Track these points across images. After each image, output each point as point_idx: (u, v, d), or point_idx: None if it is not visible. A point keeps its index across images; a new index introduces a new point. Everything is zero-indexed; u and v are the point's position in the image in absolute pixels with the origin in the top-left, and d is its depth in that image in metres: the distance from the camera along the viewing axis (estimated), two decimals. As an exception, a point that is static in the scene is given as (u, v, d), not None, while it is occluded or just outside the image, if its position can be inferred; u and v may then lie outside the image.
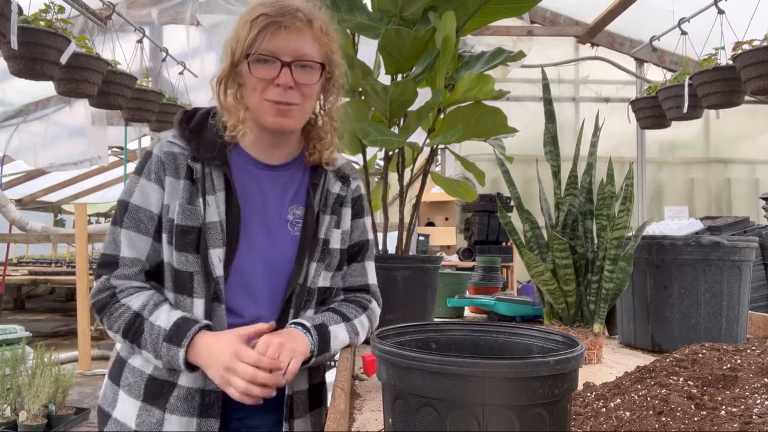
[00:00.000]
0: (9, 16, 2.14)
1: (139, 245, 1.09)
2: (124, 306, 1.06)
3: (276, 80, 1.07)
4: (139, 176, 1.11)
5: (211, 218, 1.08)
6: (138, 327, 1.04)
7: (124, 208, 1.10)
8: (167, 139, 1.13)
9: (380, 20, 1.52)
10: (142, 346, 1.04)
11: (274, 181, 1.16)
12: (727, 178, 5.01)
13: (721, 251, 1.38)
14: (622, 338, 1.56)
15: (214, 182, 1.10)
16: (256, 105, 1.09)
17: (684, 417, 0.76)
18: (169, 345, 1.01)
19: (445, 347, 0.76)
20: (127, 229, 1.09)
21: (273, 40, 1.06)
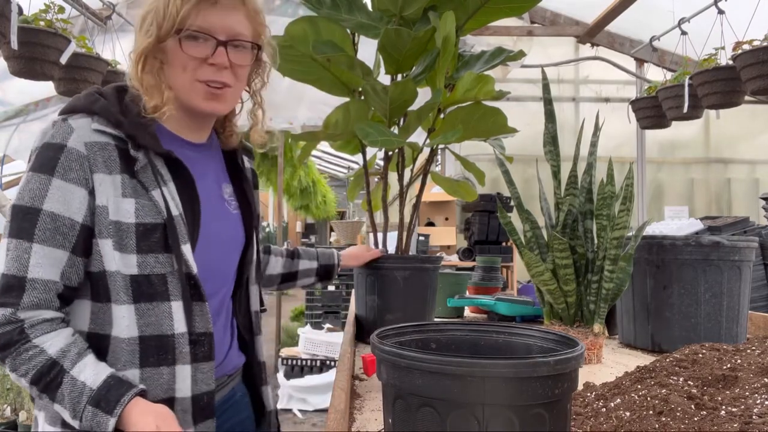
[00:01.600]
0: (9, 16, 2.14)
1: (54, 262, 0.91)
2: (37, 348, 0.88)
3: (210, 59, 0.99)
4: (51, 176, 0.92)
5: (173, 211, 0.96)
6: (54, 378, 0.88)
7: (34, 217, 0.91)
8: (91, 126, 0.96)
9: (380, 20, 1.52)
10: (57, 401, 0.88)
11: (203, 161, 1.09)
12: (727, 178, 5.00)
13: (721, 251, 1.38)
14: (622, 338, 1.56)
15: (161, 171, 0.98)
16: (186, 85, 1.00)
17: (684, 417, 0.76)
18: (95, 410, 0.86)
19: (445, 347, 0.76)
20: (39, 243, 0.90)
21: (207, 17, 0.98)
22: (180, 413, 0.95)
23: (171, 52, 1.00)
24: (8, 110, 4.82)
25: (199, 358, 0.99)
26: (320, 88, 1.57)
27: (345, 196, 3.51)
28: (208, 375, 1.00)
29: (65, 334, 0.91)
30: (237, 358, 1.14)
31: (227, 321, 1.11)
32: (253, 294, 1.18)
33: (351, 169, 10.33)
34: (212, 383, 1.00)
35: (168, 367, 0.96)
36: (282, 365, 4.79)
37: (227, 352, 1.10)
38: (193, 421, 0.98)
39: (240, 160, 1.19)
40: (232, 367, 1.12)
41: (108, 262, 0.94)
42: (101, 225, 0.94)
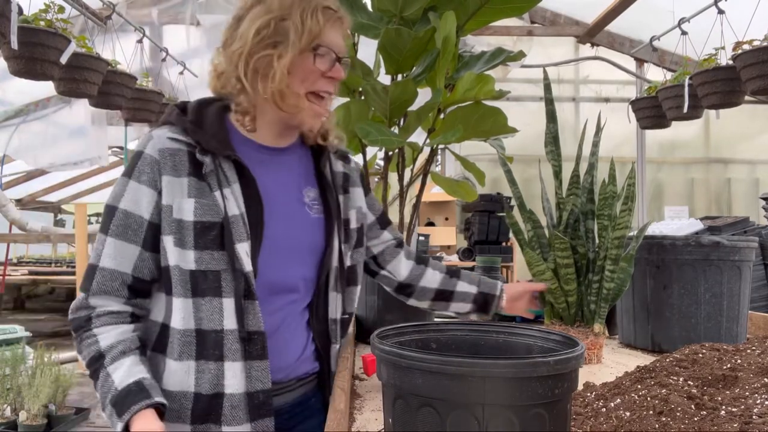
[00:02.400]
0: (9, 15, 2.14)
1: (124, 255, 1.01)
2: (94, 338, 0.99)
3: (329, 73, 1.07)
4: (129, 179, 1.03)
5: (232, 212, 1.01)
6: (97, 369, 0.98)
7: (111, 214, 1.02)
8: (166, 135, 1.04)
9: (380, 20, 1.52)
10: (96, 388, 0.98)
11: (282, 164, 1.13)
12: (727, 178, 5.00)
13: (721, 251, 1.38)
14: (622, 338, 1.56)
15: (226, 174, 1.04)
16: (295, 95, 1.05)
17: (684, 417, 0.76)
18: (112, 410, 0.94)
19: (446, 347, 0.76)
20: (113, 237, 1.01)
21: (334, 35, 1.07)
22: (228, 409, 0.99)
23: (297, 64, 1.05)
24: (8, 110, 4.82)
25: (253, 356, 1.01)
26: (320, 88, 1.57)
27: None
28: (263, 373, 1.01)
29: (120, 330, 0.99)
30: (310, 364, 1.13)
31: (299, 325, 1.11)
32: (332, 301, 1.15)
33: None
34: (268, 382, 1.02)
35: (215, 363, 0.99)
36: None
37: (299, 356, 1.10)
38: (248, 418, 1.00)
39: (325, 163, 1.19)
40: (304, 372, 1.12)
41: (170, 257, 1.01)
42: (165, 222, 1.01)
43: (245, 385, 1.00)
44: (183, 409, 0.98)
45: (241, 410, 0.99)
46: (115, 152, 6.60)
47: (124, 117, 3.73)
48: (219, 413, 0.98)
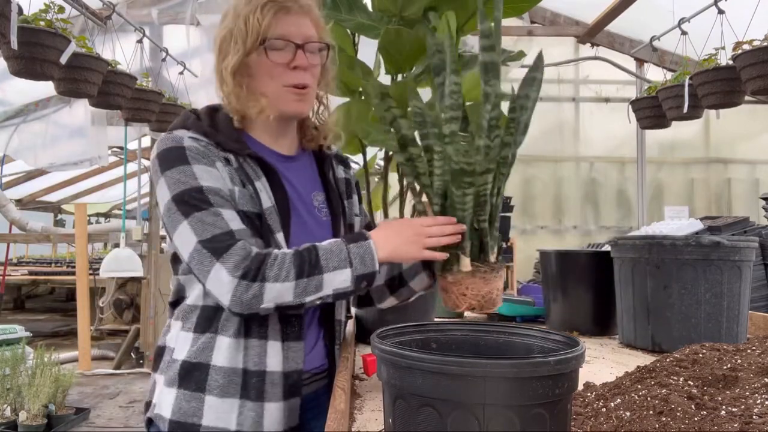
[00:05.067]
0: (9, 15, 2.14)
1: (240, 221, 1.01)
2: (280, 254, 0.98)
3: (292, 63, 1.07)
4: (189, 164, 1.02)
5: (266, 203, 1.06)
6: (309, 258, 0.98)
7: (199, 192, 0.99)
8: (188, 135, 1.06)
9: (380, 20, 1.52)
10: (324, 269, 0.97)
11: (293, 170, 1.17)
12: (727, 178, 5.00)
13: (722, 251, 1.38)
14: (622, 338, 1.56)
15: (253, 168, 1.08)
16: (275, 93, 1.09)
17: (684, 417, 0.76)
18: (357, 244, 0.99)
19: (446, 347, 0.76)
20: (220, 207, 1.00)
21: (284, 25, 1.07)
22: (269, 386, 1.04)
23: (256, 64, 1.08)
24: (8, 110, 4.82)
25: (290, 338, 1.07)
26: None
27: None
28: (298, 354, 1.07)
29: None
30: (321, 359, 1.17)
31: (312, 322, 1.16)
32: (338, 304, 1.20)
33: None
34: (301, 363, 1.08)
35: (259, 340, 1.05)
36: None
37: (311, 349, 1.15)
38: (282, 395, 1.06)
39: (330, 169, 1.23)
40: (317, 365, 1.16)
41: None
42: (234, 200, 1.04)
43: (282, 364, 1.06)
44: (232, 383, 1.03)
45: (278, 387, 1.05)
46: (115, 152, 6.61)
47: (124, 117, 3.74)
48: (262, 389, 1.04)
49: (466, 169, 0.97)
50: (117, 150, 6.44)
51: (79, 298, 4.86)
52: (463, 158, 0.97)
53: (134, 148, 5.71)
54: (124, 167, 5.53)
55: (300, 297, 0.97)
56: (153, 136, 4.79)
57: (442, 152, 1.01)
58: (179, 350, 1.07)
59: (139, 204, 5.55)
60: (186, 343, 1.06)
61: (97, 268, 5.19)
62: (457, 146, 0.99)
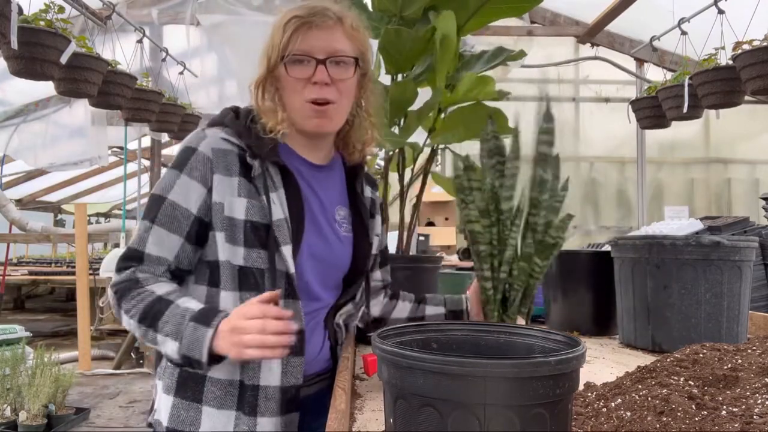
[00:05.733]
0: (9, 15, 2.14)
1: (168, 244, 1.05)
2: (149, 291, 1.02)
3: (312, 78, 1.08)
4: (180, 172, 1.06)
5: (277, 215, 1.06)
6: (159, 309, 1.00)
7: (159, 203, 1.06)
8: (219, 135, 1.09)
9: (380, 20, 1.53)
10: (159, 329, 0.98)
11: (321, 181, 1.18)
12: (727, 178, 5.00)
13: (722, 251, 1.38)
14: (622, 338, 1.56)
15: (273, 179, 1.09)
16: (297, 108, 1.10)
17: (685, 417, 0.76)
18: (195, 325, 0.97)
19: (446, 347, 0.76)
20: (159, 226, 1.05)
21: (306, 40, 1.08)
22: (263, 400, 1.04)
23: (282, 79, 1.11)
24: (8, 110, 4.82)
25: (291, 353, 1.04)
26: (320, 88, 1.57)
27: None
28: (297, 369, 1.07)
29: (174, 285, 1.06)
30: (326, 362, 1.19)
31: (318, 326, 1.17)
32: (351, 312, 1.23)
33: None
34: (300, 378, 1.08)
35: None
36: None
37: (317, 354, 1.16)
38: (279, 411, 1.05)
39: (360, 186, 1.25)
40: (322, 367, 1.17)
41: (221, 253, 1.06)
42: (217, 219, 1.06)
43: (281, 379, 1.05)
44: (229, 396, 1.04)
45: (274, 402, 1.04)
46: (115, 152, 6.61)
47: (124, 117, 3.74)
48: (255, 404, 1.03)
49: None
50: (117, 150, 6.45)
51: (79, 298, 4.86)
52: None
53: (134, 148, 5.71)
54: (124, 167, 5.53)
55: (144, 338, 1.02)
56: (153, 136, 4.79)
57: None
58: None
59: (139, 204, 5.54)
60: None
61: (97, 268, 5.19)
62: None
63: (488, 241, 1.23)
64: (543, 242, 1.19)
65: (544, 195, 1.21)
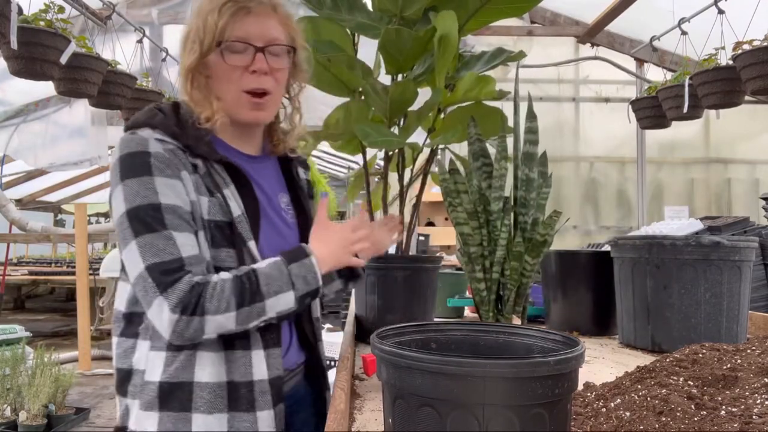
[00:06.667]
0: (9, 15, 2.14)
1: (193, 244, 0.97)
2: (221, 280, 0.95)
3: (251, 67, 1.03)
4: (151, 176, 0.97)
5: (235, 212, 1.02)
6: (251, 283, 0.95)
7: (156, 210, 0.94)
8: (154, 137, 1.00)
9: (380, 20, 1.52)
10: (266, 294, 0.95)
11: (259, 171, 1.14)
12: (727, 178, 5.00)
13: (721, 251, 1.38)
14: (622, 338, 1.56)
15: (221, 175, 1.05)
16: (233, 97, 1.05)
17: (684, 417, 0.76)
18: (298, 263, 1.00)
19: (445, 347, 0.76)
20: (173, 230, 0.95)
21: (243, 26, 1.03)
22: (259, 395, 1.02)
23: (215, 66, 1.05)
24: (8, 110, 4.82)
25: (270, 344, 1.04)
26: (320, 88, 1.57)
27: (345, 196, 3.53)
28: (278, 360, 1.05)
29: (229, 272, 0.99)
30: (296, 356, 1.17)
31: (285, 322, 1.13)
32: (314, 303, 1.20)
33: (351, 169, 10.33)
34: (281, 369, 1.06)
35: (243, 351, 1.01)
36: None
37: (287, 349, 1.14)
38: (273, 403, 1.03)
39: (295, 171, 1.23)
40: (293, 363, 1.16)
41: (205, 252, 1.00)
42: (195, 217, 1.00)
43: (267, 372, 1.04)
44: (219, 398, 0.99)
45: (268, 395, 1.03)
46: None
47: (124, 117, 3.73)
48: (252, 399, 1.01)
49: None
50: (117, 150, 6.43)
51: (79, 298, 4.85)
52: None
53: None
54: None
55: (242, 324, 0.96)
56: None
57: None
58: (152, 371, 1.00)
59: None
60: (159, 363, 0.99)
61: (97, 268, 5.19)
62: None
63: (478, 242, 1.24)
64: (532, 240, 1.20)
65: (532, 194, 1.22)
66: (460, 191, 1.25)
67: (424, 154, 1.72)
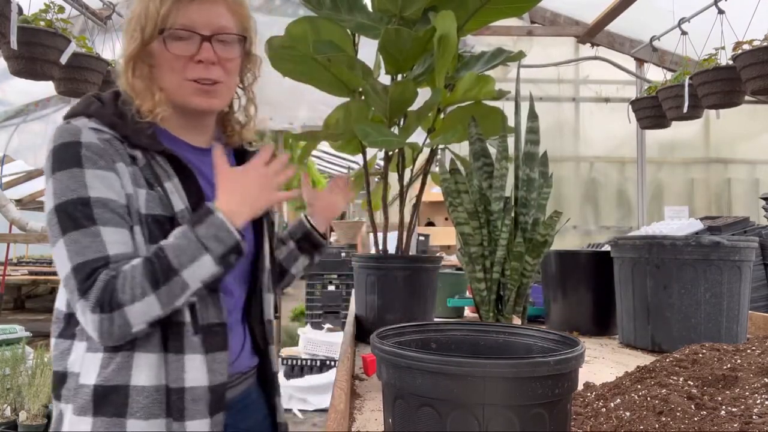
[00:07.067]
0: (9, 15, 2.14)
1: (124, 240, 0.92)
2: (129, 268, 0.89)
3: (197, 56, 0.98)
4: (82, 168, 0.92)
5: (178, 206, 0.97)
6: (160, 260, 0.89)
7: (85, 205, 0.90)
8: (89, 126, 0.96)
9: (380, 20, 1.52)
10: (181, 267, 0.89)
11: (209, 165, 1.06)
12: (727, 178, 5.00)
13: (721, 251, 1.38)
14: (622, 338, 1.56)
15: (163, 168, 0.99)
16: (177, 86, 1.00)
17: (684, 417, 0.76)
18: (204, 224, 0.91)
19: (445, 347, 0.76)
20: (103, 225, 0.90)
21: (188, 14, 0.98)
22: (190, 403, 0.95)
23: (158, 55, 1.00)
24: (8, 110, 4.82)
25: (214, 348, 0.98)
26: (320, 88, 1.57)
27: (345, 196, 3.54)
28: (223, 366, 0.99)
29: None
30: (249, 359, 1.14)
31: (236, 324, 1.10)
32: (267, 302, 1.15)
33: (351, 169, 10.34)
34: (225, 374, 1.00)
35: (176, 355, 0.96)
36: (282, 365, 4.80)
37: (239, 352, 1.10)
38: (209, 412, 0.97)
39: None
40: (246, 366, 1.12)
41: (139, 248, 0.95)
42: (131, 211, 0.95)
43: (208, 378, 0.97)
44: (156, 403, 0.94)
45: (203, 403, 0.96)
46: (115, 152, 6.59)
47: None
48: (182, 407, 0.94)
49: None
50: (117, 150, 6.43)
51: (79, 298, 4.85)
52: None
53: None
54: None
55: (169, 304, 0.91)
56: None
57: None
58: (87, 374, 0.95)
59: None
60: (95, 365, 0.95)
61: (97, 268, 5.17)
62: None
63: (479, 242, 1.24)
64: (533, 240, 1.20)
65: (532, 194, 1.22)
66: (460, 191, 1.25)
67: (424, 154, 1.72)
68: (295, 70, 1.52)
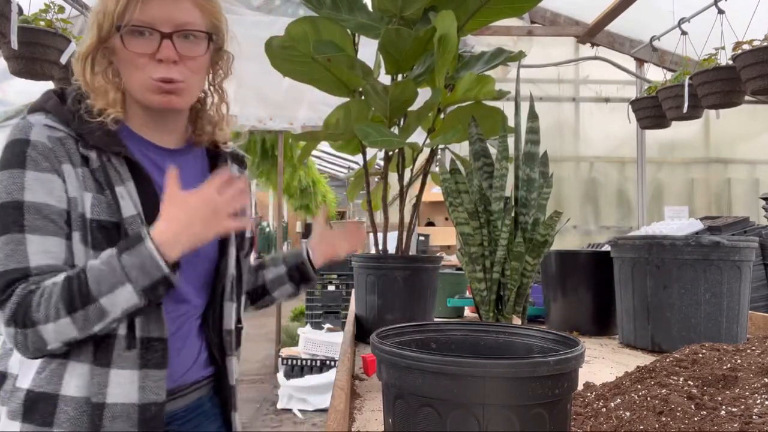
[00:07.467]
0: (9, 15, 2.14)
1: (53, 249, 0.88)
2: (49, 286, 0.85)
3: (157, 55, 0.93)
4: (24, 169, 0.88)
5: (127, 212, 0.92)
6: (79, 284, 0.84)
7: (18, 209, 0.86)
8: (42, 122, 0.92)
9: (380, 20, 1.52)
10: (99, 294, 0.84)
11: (176, 166, 0.99)
12: (727, 178, 5.00)
13: (721, 251, 1.38)
14: (622, 338, 1.56)
15: (118, 170, 0.94)
16: (139, 84, 0.95)
17: (684, 417, 0.76)
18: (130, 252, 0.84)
19: (445, 347, 0.76)
20: (31, 233, 0.86)
21: (147, 9, 0.92)
22: (108, 421, 0.89)
23: (119, 52, 0.95)
24: (8, 110, 4.82)
25: (150, 365, 0.93)
26: (320, 88, 1.57)
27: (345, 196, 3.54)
28: (159, 384, 0.93)
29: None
30: (203, 370, 1.08)
31: (192, 332, 1.05)
32: (228, 311, 1.09)
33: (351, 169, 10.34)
34: (162, 394, 0.94)
35: (101, 368, 0.91)
36: (282, 365, 4.80)
37: (191, 365, 1.05)
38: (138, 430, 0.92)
39: (223, 166, 1.11)
40: (199, 376, 1.07)
41: (77, 256, 0.90)
42: (74, 215, 0.91)
43: (139, 396, 0.91)
44: (85, 415, 0.90)
45: (125, 422, 0.90)
46: (115, 152, 6.59)
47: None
48: (99, 425, 0.89)
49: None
50: (117, 150, 6.43)
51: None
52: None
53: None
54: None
55: (86, 329, 0.86)
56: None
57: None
58: (23, 377, 0.92)
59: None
60: (32, 370, 0.91)
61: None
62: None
63: (479, 242, 1.24)
64: (533, 240, 1.20)
65: (533, 194, 1.22)
66: (460, 191, 1.25)
67: (424, 154, 1.72)
68: (295, 70, 1.52)
